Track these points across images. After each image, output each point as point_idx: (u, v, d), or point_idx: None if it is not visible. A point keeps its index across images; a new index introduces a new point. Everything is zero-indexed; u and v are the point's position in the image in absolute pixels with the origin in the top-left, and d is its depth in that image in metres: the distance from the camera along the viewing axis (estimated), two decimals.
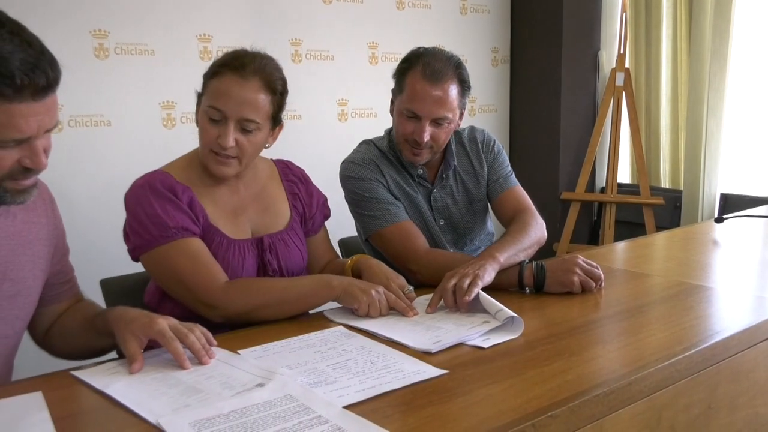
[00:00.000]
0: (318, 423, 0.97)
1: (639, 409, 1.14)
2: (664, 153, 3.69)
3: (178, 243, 1.44)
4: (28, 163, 1.10)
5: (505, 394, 1.07)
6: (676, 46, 3.54)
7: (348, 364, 1.19)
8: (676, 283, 1.66)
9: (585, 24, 3.75)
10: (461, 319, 1.41)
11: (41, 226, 1.32)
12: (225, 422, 0.98)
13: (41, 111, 1.07)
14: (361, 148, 1.92)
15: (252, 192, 1.61)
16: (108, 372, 1.17)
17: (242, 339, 1.33)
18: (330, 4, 3.16)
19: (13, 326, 1.27)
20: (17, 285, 1.24)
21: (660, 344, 1.27)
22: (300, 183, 1.70)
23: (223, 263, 1.49)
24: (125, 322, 1.20)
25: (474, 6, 3.68)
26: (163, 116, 2.76)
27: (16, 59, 1.01)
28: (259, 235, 1.58)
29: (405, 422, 0.97)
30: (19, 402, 1.08)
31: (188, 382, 1.12)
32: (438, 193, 1.91)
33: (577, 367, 1.17)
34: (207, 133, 1.46)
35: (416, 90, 1.74)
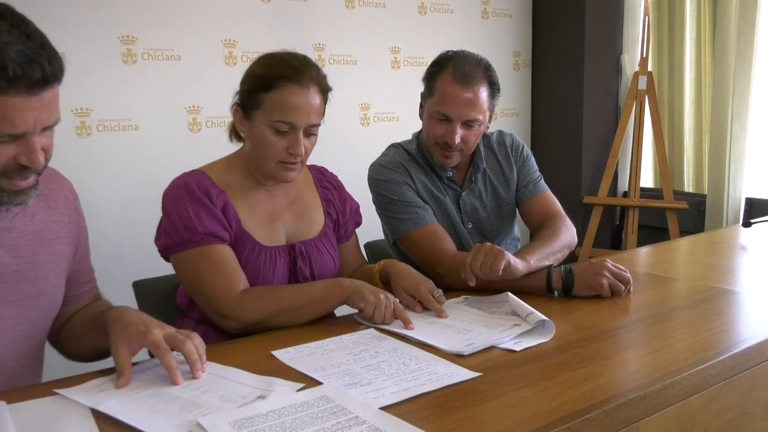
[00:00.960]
0: (356, 424, 0.98)
1: (673, 413, 1.14)
2: (688, 157, 3.67)
3: (204, 248, 1.46)
4: (24, 161, 1.07)
5: (539, 397, 1.07)
6: (700, 49, 3.52)
7: (381, 366, 1.20)
8: (704, 288, 1.66)
9: (607, 27, 3.74)
10: (492, 322, 1.42)
11: (62, 224, 1.30)
12: (264, 422, 0.99)
13: (37, 106, 1.04)
14: (390, 152, 1.93)
15: (289, 198, 1.63)
16: (96, 389, 1.12)
17: (275, 340, 1.35)
18: (353, 9, 3.18)
19: (36, 326, 1.26)
20: (38, 285, 1.24)
21: (692, 348, 1.27)
22: (334, 189, 1.72)
23: (254, 270, 1.51)
24: (121, 326, 1.16)
25: (495, 10, 3.69)
26: (188, 120, 2.79)
27: (12, 51, 0.99)
28: (292, 242, 1.59)
29: (441, 424, 0.98)
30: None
31: (185, 397, 1.08)
32: (467, 196, 1.92)
33: (610, 371, 1.18)
34: (274, 146, 1.48)
35: (447, 92, 1.76)
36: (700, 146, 3.61)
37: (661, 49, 3.67)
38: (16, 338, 1.22)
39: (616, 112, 3.85)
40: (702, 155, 3.60)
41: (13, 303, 1.20)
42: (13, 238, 1.19)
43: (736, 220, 3.39)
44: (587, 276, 1.58)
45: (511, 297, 1.47)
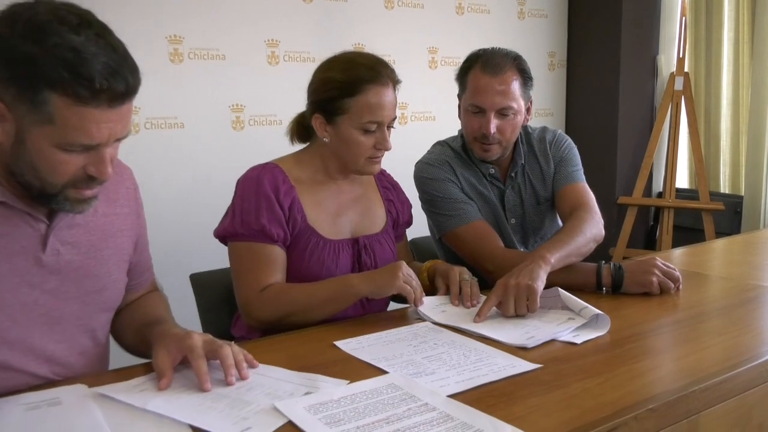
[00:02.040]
0: (426, 410, 1.02)
1: (731, 406, 1.16)
2: (724, 157, 3.65)
3: (251, 244, 1.51)
4: (93, 172, 1.07)
5: (601, 388, 1.10)
6: (738, 49, 3.50)
7: (442, 357, 1.24)
8: (753, 286, 1.67)
9: (643, 28, 3.74)
10: (545, 315, 1.44)
11: (123, 216, 1.31)
12: (337, 407, 1.03)
13: (114, 119, 1.04)
14: (435, 149, 1.96)
15: (354, 194, 1.67)
16: (136, 389, 1.10)
17: (337, 331, 1.39)
18: (392, 9, 3.22)
19: (99, 320, 1.27)
20: (102, 280, 1.25)
21: (746, 344, 1.29)
22: (393, 189, 1.77)
23: (318, 262, 1.55)
24: (163, 337, 1.16)
25: (531, 11, 3.70)
26: (232, 119, 2.84)
27: (99, 62, 0.99)
28: (357, 236, 1.63)
29: (510, 411, 1.01)
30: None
31: (231, 396, 1.07)
32: (510, 193, 1.95)
33: (667, 365, 1.21)
34: (363, 145, 1.53)
35: (478, 84, 1.79)
36: (737, 147, 3.59)
37: (698, 50, 3.65)
38: (78, 333, 1.23)
39: (652, 112, 3.85)
40: (739, 156, 3.59)
41: (76, 299, 1.21)
42: (76, 234, 1.20)
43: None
44: (637, 273, 1.60)
45: (562, 292, 1.50)
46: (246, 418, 1.00)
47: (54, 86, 0.99)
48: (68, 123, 1.01)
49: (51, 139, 1.03)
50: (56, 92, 0.99)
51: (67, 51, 0.98)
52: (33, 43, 0.98)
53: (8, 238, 1.12)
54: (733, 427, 1.18)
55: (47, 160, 1.05)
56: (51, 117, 1.01)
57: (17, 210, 1.12)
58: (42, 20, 0.99)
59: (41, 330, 1.17)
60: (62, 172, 1.06)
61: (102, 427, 0.98)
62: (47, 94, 0.99)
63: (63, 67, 0.98)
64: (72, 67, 0.98)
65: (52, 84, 0.99)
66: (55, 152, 1.04)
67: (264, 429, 0.97)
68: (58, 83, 0.98)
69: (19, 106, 1.01)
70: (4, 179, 1.10)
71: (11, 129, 1.04)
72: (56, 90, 0.99)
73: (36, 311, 1.16)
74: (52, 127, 1.02)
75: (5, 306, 1.12)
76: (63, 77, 0.98)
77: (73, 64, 0.98)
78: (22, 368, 1.15)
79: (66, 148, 1.04)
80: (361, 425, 0.97)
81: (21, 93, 1.00)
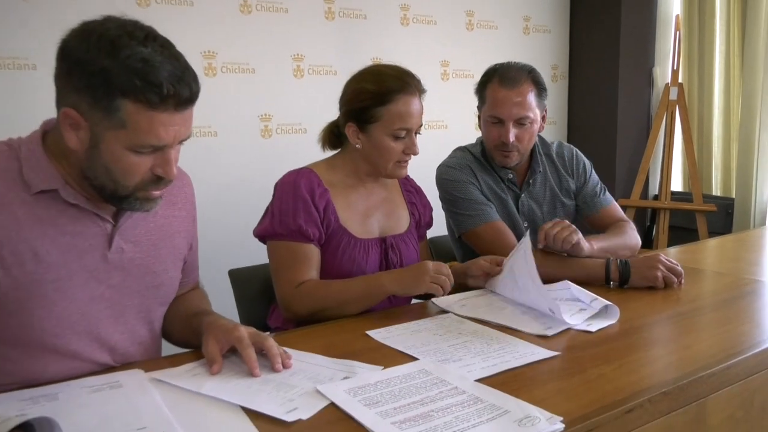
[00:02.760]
0: (456, 393, 1.03)
1: (736, 391, 1.17)
2: (716, 162, 3.65)
3: (289, 243, 1.52)
4: (160, 172, 1.09)
5: (617, 373, 1.11)
6: (729, 62, 3.50)
7: (467, 345, 1.25)
8: (748, 281, 1.68)
9: (640, 41, 3.74)
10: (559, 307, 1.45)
11: (181, 219, 1.33)
12: (374, 390, 1.04)
13: (179, 122, 1.06)
14: (457, 154, 1.98)
15: (381, 197, 1.68)
16: (189, 374, 1.12)
17: (367, 322, 1.40)
18: (407, 26, 3.23)
19: (155, 313, 1.29)
20: (160, 276, 1.26)
21: (749, 333, 1.30)
22: (416, 193, 1.78)
23: (350, 259, 1.56)
24: (212, 327, 1.18)
25: (536, 26, 3.71)
26: (261, 127, 2.87)
27: (165, 70, 1.01)
28: (384, 235, 1.65)
29: (533, 394, 1.02)
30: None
31: (276, 380, 1.09)
32: (525, 198, 1.96)
33: (677, 353, 1.21)
34: (393, 150, 1.56)
35: (497, 97, 1.82)
36: (729, 153, 3.59)
37: (692, 62, 3.65)
38: (138, 325, 1.25)
39: (648, 120, 3.85)
40: (730, 161, 3.58)
41: (137, 293, 1.23)
42: (138, 234, 1.22)
43: (763, 222, 3.37)
44: (643, 269, 1.61)
45: (573, 285, 1.51)
46: (292, 400, 1.02)
47: (126, 93, 1.01)
48: (139, 126, 1.03)
49: (123, 142, 1.05)
50: (128, 99, 1.01)
51: (137, 62, 1.00)
52: (106, 56, 1.00)
53: (79, 236, 1.14)
54: (737, 410, 1.18)
55: (120, 162, 1.07)
56: (123, 122, 1.03)
57: (86, 211, 1.14)
58: (113, 35, 1.01)
59: (107, 322, 1.19)
60: (133, 173, 1.08)
61: (161, 408, 0.99)
62: (120, 101, 1.02)
63: (135, 76, 1.00)
64: (143, 76, 1.00)
65: (124, 92, 1.01)
66: (127, 154, 1.06)
67: (309, 410, 0.98)
68: (130, 91, 1.01)
69: (94, 114, 1.03)
70: (76, 183, 1.13)
71: (86, 136, 1.06)
72: (128, 97, 1.01)
73: (102, 304, 1.18)
74: (124, 131, 1.04)
75: (75, 299, 1.14)
76: (135, 85, 1.00)
77: (143, 73, 1.00)
78: (88, 357, 1.17)
79: (137, 150, 1.06)
80: (398, 406, 0.99)
81: (96, 102, 1.02)
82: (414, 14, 3.25)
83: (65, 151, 1.10)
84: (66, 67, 1.04)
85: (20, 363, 1.12)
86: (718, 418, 1.15)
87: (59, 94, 1.07)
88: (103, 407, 1.00)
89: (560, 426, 0.92)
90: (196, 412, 0.99)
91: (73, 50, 1.03)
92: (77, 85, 1.02)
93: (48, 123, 1.15)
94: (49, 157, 1.12)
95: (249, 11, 2.78)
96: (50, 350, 1.13)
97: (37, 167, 1.10)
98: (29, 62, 2.34)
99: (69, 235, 1.13)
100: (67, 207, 1.12)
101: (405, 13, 3.22)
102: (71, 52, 1.03)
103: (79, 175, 1.12)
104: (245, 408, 0.99)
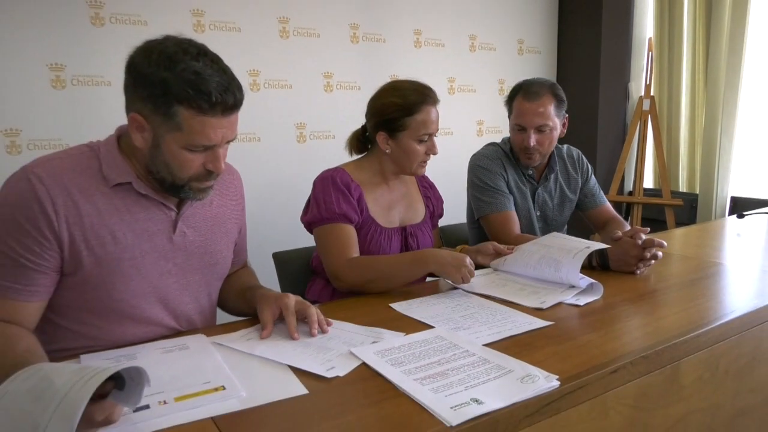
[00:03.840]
0: (467, 355, 1.03)
1: (704, 356, 1.16)
2: (683, 163, 3.60)
3: (335, 225, 1.52)
4: (210, 167, 1.10)
5: (602, 340, 1.11)
6: (695, 77, 3.45)
7: (474, 316, 1.25)
8: (712, 264, 1.66)
9: (618, 60, 3.69)
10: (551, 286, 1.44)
11: (231, 207, 1.33)
12: (399, 352, 1.05)
13: (226, 125, 1.07)
14: (490, 148, 1.97)
15: (401, 192, 1.68)
16: (243, 338, 1.14)
17: (390, 297, 1.41)
18: (420, 48, 3.22)
19: (213, 287, 1.31)
20: (215, 256, 1.27)
21: (713, 308, 1.28)
22: (430, 188, 1.77)
23: (376, 245, 1.57)
24: (265, 298, 1.19)
25: (528, 48, 3.68)
26: (297, 134, 2.87)
27: (214, 81, 1.02)
28: (404, 225, 1.65)
29: (533, 357, 1.02)
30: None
31: (315, 344, 1.10)
32: (541, 191, 1.97)
33: (654, 323, 1.20)
34: (419, 152, 1.55)
35: (521, 109, 1.83)
36: (693, 155, 3.54)
37: (662, 78, 3.60)
38: (200, 296, 1.26)
39: (624, 128, 3.80)
40: (695, 162, 3.54)
41: (197, 270, 1.24)
42: (197, 220, 1.23)
43: (722, 214, 3.32)
44: (621, 262, 1.56)
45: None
46: (330, 360, 1.03)
47: (182, 101, 1.02)
48: (192, 129, 1.04)
49: (179, 142, 1.06)
50: (183, 106, 1.02)
51: (190, 74, 1.01)
52: (165, 69, 1.01)
53: (149, 222, 1.15)
54: (705, 371, 1.18)
55: (177, 159, 1.08)
56: (180, 125, 1.04)
57: (154, 201, 1.16)
58: (171, 51, 1.02)
59: (174, 294, 1.21)
60: (188, 168, 1.09)
61: (222, 366, 1.01)
62: (176, 107, 1.02)
63: (188, 86, 1.01)
64: (195, 86, 1.01)
65: (180, 99, 1.02)
66: (182, 153, 1.07)
67: (345, 368, 1.00)
68: (185, 99, 1.01)
69: (155, 119, 1.05)
70: (144, 177, 1.14)
71: (149, 137, 1.07)
72: (183, 104, 1.02)
73: (170, 279, 1.19)
74: (180, 133, 1.05)
75: (148, 275, 1.16)
76: (189, 94, 1.01)
77: (196, 84, 1.01)
78: (159, 323, 1.19)
79: (190, 149, 1.07)
80: (419, 365, 0.99)
81: (157, 108, 1.03)
82: (425, 38, 3.23)
83: (134, 150, 1.11)
84: (132, 79, 1.04)
85: (104, 329, 1.14)
86: (689, 379, 1.14)
87: (127, 102, 1.07)
88: (174, 365, 1.02)
89: (556, 383, 0.92)
90: (250, 369, 1.01)
91: (137, 65, 1.03)
92: (141, 94, 1.03)
93: (121, 128, 1.16)
94: (123, 156, 1.13)
95: (287, 36, 2.78)
96: (128, 318, 1.15)
97: (114, 164, 1.12)
98: (105, 80, 2.36)
99: (141, 221, 1.14)
100: (139, 197, 1.14)
101: (418, 37, 3.21)
102: (136, 66, 1.04)
103: (145, 170, 1.13)
104: (291, 366, 1.00)
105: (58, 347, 1.12)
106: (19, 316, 1.04)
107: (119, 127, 1.17)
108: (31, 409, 0.71)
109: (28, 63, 2.21)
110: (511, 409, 0.86)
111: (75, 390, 0.70)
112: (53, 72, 2.27)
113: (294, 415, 0.85)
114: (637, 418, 1.05)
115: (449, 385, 0.91)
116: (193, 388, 0.92)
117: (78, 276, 1.09)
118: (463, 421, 0.81)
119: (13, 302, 1.04)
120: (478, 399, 0.87)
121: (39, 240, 1.04)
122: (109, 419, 0.77)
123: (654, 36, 3.60)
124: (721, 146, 3.24)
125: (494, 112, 3.50)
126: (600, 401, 0.98)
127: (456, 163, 2.95)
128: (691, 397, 1.15)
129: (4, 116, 2.20)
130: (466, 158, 2.02)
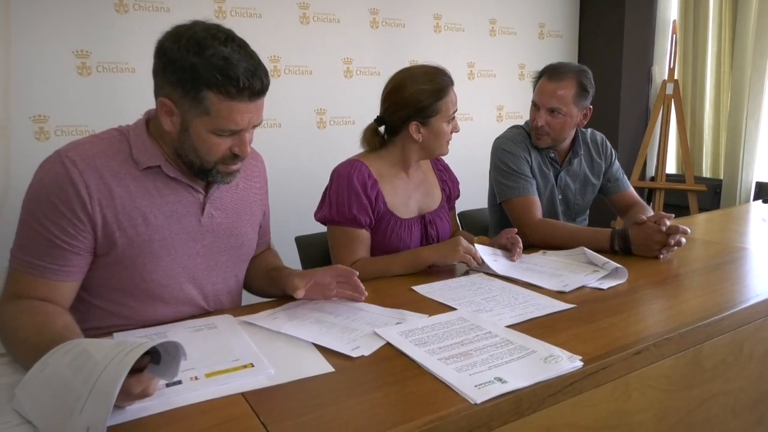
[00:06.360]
0: (490, 336, 1.04)
1: (727, 339, 1.16)
2: (707, 148, 3.54)
3: (344, 228, 1.53)
4: (237, 151, 1.11)
5: (626, 323, 1.11)
6: (720, 60, 3.38)
7: (497, 299, 1.26)
8: (736, 248, 1.64)
9: (641, 44, 3.63)
10: (575, 268, 1.44)
11: (256, 190, 1.34)
12: (422, 333, 1.06)
13: (252, 110, 1.07)
14: (514, 130, 1.94)
15: (419, 179, 1.66)
16: (270, 317, 1.16)
17: (412, 279, 1.42)
18: (439, 33, 3.20)
19: (239, 267, 1.32)
20: (241, 238, 1.29)
21: (738, 292, 1.28)
22: (446, 171, 1.76)
23: (397, 237, 1.56)
24: (294, 273, 1.24)
25: (550, 32, 3.63)
26: (317, 120, 2.88)
27: (241, 66, 1.02)
28: (423, 213, 1.64)
29: (555, 338, 1.03)
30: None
31: (340, 324, 1.11)
32: (564, 174, 1.95)
33: (677, 306, 1.20)
34: (447, 132, 1.55)
35: (541, 87, 1.83)
36: (718, 140, 3.48)
37: (686, 61, 3.53)
38: (228, 277, 1.28)
39: (647, 112, 3.74)
40: (719, 147, 3.47)
41: (225, 251, 1.26)
42: (224, 203, 1.25)
43: (747, 200, 3.26)
44: (642, 246, 1.56)
45: (587, 251, 1.50)
46: (355, 340, 1.04)
47: (210, 86, 1.03)
48: (220, 114, 1.05)
49: (207, 126, 1.07)
50: (212, 90, 1.03)
51: (219, 59, 1.02)
52: (194, 54, 1.02)
53: (178, 204, 1.17)
54: (728, 355, 1.17)
55: (205, 142, 1.09)
56: (208, 110, 1.05)
57: (183, 183, 1.18)
58: (200, 37, 1.03)
59: (202, 274, 1.23)
60: (215, 152, 1.11)
61: (249, 344, 1.03)
62: (205, 92, 1.03)
63: (217, 71, 1.01)
64: (223, 71, 1.01)
65: (209, 84, 1.02)
66: (210, 136, 1.09)
67: (369, 348, 1.01)
68: (213, 84, 1.02)
69: (184, 103, 1.06)
70: (172, 160, 1.16)
71: (178, 121, 1.09)
72: (212, 89, 1.03)
73: (198, 260, 1.22)
74: (208, 117, 1.06)
75: (177, 256, 1.18)
76: (217, 79, 1.02)
77: (224, 69, 1.01)
78: (189, 302, 1.22)
79: (218, 133, 1.08)
80: (443, 346, 1.01)
81: (185, 93, 1.04)
82: (445, 23, 3.21)
83: (163, 134, 1.13)
84: (161, 64, 1.05)
85: (136, 308, 1.17)
86: (712, 362, 1.14)
87: (156, 86, 1.09)
88: (204, 343, 1.04)
89: (579, 364, 0.93)
90: (277, 347, 1.03)
91: (166, 49, 1.04)
92: (170, 79, 1.05)
93: (150, 112, 1.18)
94: (152, 140, 1.15)
95: (307, 22, 2.78)
96: (159, 297, 1.18)
97: (143, 148, 1.13)
98: (129, 66, 2.39)
99: (170, 203, 1.16)
100: (169, 180, 1.16)
101: (438, 21, 3.18)
102: (165, 51, 1.04)
103: (174, 154, 1.14)
104: (317, 345, 1.02)
105: (91, 326, 1.15)
106: (55, 295, 1.08)
107: (147, 111, 1.19)
108: (72, 381, 0.74)
109: (54, 51, 2.25)
110: (534, 388, 0.87)
111: (114, 363, 0.73)
112: (79, 59, 2.31)
113: (321, 391, 0.87)
114: (660, 400, 1.05)
115: (473, 365, 0.92)
116: (223, 365, 0.94)
117: (111, 256, 1.12)
118: (488, 399, 0.83)
119: (50, 281, 1.07)
120: (502, 378, 0.88)
121: (73, 222, 1.07)
122: (145, 392, 0.80)
123: (678, 18, 3.52)
124: (747, 130, 3.18)
125: (514, 97, 3.47)
126: (623, 382, 0.98)
127: (476, 149, 2.94)
128: (715, 379, 1.15)
129: (33, 103, 2.24)
130: (486, 144, 2.01)
